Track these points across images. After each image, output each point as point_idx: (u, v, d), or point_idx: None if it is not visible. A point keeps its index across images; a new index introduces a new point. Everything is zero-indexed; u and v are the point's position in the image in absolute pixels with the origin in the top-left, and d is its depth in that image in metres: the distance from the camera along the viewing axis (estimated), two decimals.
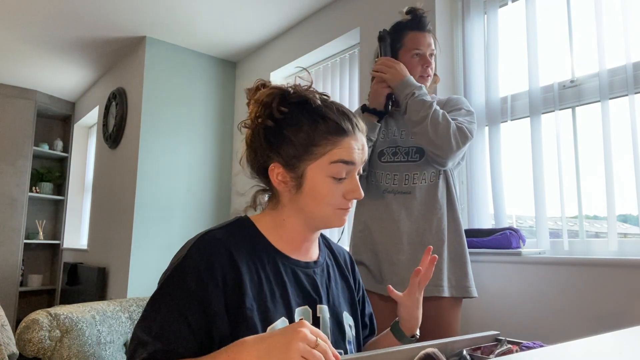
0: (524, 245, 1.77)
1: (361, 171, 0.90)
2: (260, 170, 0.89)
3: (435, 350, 0.75)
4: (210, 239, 0.81)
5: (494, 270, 1.79)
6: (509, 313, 1.73)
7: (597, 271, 1.54)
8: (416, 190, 1.50)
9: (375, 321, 1.10)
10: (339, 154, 0.83)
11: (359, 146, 0.86)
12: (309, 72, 0.93)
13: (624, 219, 1.69)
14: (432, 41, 1.58)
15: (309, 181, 0.84)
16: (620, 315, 1.46)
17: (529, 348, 0.83)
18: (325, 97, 0.89)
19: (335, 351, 0.67)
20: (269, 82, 0.91)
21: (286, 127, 0.84)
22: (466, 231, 1.85)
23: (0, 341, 1.38)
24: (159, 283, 0.79)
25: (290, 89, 0.86)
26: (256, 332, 0.75)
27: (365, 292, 1.08)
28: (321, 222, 0.88)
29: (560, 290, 1.61)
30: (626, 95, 1.61)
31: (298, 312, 0.84)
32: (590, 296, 1.54)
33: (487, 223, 1.97)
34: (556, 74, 1.82)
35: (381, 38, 1.58)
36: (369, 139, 1.52)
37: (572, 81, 1.78)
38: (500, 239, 1.74)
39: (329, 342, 0.67)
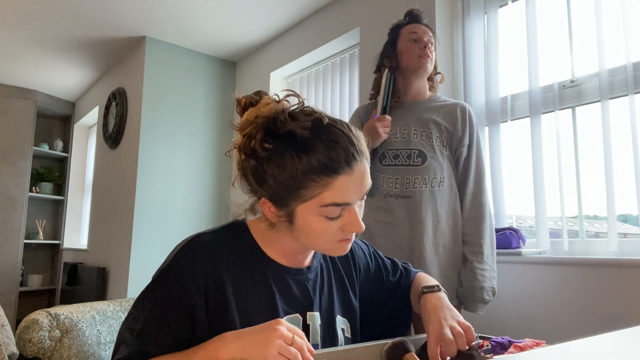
0: (524, 245, 1.77)
1: (365, 197, 0.81)
2: (254, 196, 0.84)
3: (404, 338, 0.76)
4: (198, 243, 0.80)
5: None
6: (509, 313, 1.73)
7: (597, 271, 1.54)
8: (417, 195, 1.49)
9: (403, 266, 1.06)
10: (330, 197, 0.74)
11: (355, 181, 0.75)
12: (297, 94, 0.81)
13: (624, 219, 1.69)
14: (429, 32, 1.60)
15: (300, 220, 0.78)
16: (620, 315, 1.46)
17: (497, 343, 0.84)
18: (319, 119, 0.76)
19: (311, 347, 0.68)
20: (258, 97, 0.82)
21: (270, 166, 0.75)
22: None
23: (0, 341, 1.38)
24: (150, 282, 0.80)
25: (279, 116, 0.76)
26: None
27: (382, 261, 1.04)
28: (320, 252, 0.87)
29: (560, 290, 1.61)
30: (626, 95, 1.61)
31: (286, 320, 0.82)
32: (590, 296, 1.54)
33: None
34: (556, 74, 1.82)
35: (391, 69, 1.59)
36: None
37: (572, 81, 1.78)
38: (500, 239, 1.74)
39: (305, 339, 0.69)
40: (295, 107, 0.79)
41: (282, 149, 0.75)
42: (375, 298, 1.00)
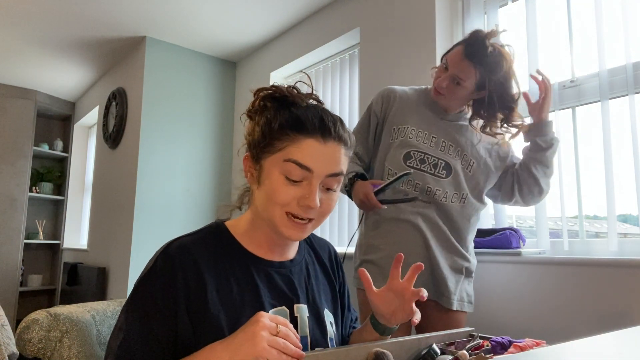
0: (524, 245, 1.77)
1: (335, 188, 0.83)
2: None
3: (384, 350, 0.76)
4: (177, 246, 0.80)
5: (494, 270, 1.79)
6: (509, 313, 1.73)
7: (597, 271, 1.54)
8: (436, 203, 1.48)
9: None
10: (294, 153, 0.77)
11: (324, 153, 0.78)
12: (309, 77, 0.89)
13: (624, 219, 1.69)
14: (466, 69, 1.44)
15: (265, 174, 0.81)
16: (620, 315, 1.46)
17: (497, 343, 0.84)
18: (317, 102, 0.86)
19: (296, 332, 0.69)
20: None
21: (261, 118, 0.83)
22: None
23: (0, 341, 1.38)
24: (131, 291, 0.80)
25: (286, 90, 0.84)
26: (223, 337, 0.74)
27: (347, 287, 1.05)
28: (271, 226, 0.83)
29: (560, 290, 1.61)
30: (626, 95, 1.61)
31: (273, 313, 0.83)
32: (590, 296, 1.54)
33: (487, 223, 1.97)
34: (556, 74, 1.82)
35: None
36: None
37: (572, 81, 1.78)
38: (500, 239, 1.74)
39: (290, 325, 0.69)
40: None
41: (278, 108, 0.83)
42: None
